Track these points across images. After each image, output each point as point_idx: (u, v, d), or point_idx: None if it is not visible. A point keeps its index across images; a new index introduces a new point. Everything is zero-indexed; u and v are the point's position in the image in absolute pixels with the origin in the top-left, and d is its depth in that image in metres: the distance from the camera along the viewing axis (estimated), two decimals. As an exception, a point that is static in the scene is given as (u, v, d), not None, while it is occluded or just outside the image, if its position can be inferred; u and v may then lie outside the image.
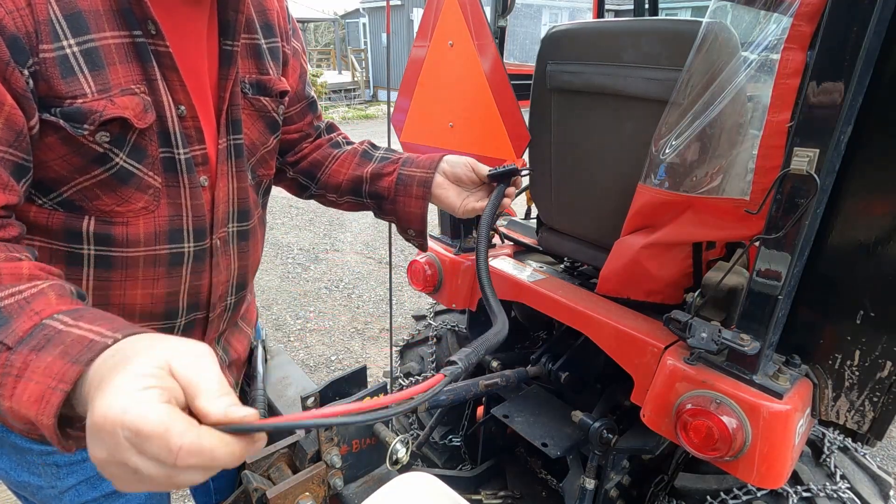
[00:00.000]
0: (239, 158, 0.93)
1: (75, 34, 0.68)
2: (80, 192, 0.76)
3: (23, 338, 0.54)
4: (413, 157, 1.17)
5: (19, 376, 0.52)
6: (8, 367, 0.53)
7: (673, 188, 1.20)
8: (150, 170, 0.79)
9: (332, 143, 1.23)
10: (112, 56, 0.72)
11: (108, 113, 0.71)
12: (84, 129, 0.70)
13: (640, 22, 1.39)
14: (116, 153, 0.75)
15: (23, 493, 0.98)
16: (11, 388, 0.52)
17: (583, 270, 1.74)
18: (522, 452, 2.03)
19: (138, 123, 0.74)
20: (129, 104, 0.73)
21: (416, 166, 1.14)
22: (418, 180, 1.12)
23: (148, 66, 0.75)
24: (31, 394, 0.51)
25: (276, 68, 1.00)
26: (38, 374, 0.52)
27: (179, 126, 0.81)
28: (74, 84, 0.69)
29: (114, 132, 0.73)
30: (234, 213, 0.95)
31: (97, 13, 0.70)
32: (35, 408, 0.51)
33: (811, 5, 0.91)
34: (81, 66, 0.69)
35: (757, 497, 1.23)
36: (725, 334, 1.03)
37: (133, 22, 0.73)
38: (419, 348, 2.15)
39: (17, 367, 0.52)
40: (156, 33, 0.74)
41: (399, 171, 1.14)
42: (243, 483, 0.93)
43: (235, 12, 0.86)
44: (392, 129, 1.83)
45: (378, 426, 1.02)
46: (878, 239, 0.98)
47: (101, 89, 0.71)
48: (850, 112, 0.87)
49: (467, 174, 1.13)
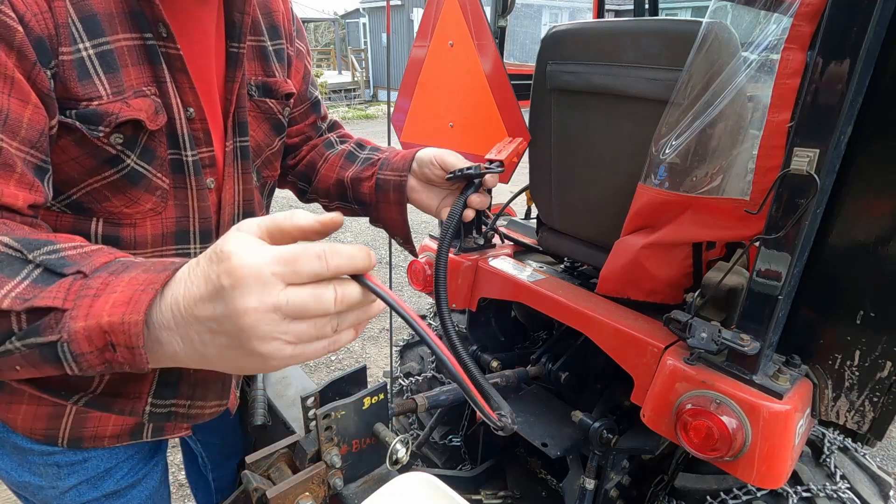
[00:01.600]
0: (245, 160, 0.93)
1: (91, 37, 0.69)
2: (89, 194, 0.76)
3: (98, 268, 0.54)
4: (389, 158, 1.07)
5: (97, 295, 0.51)
6: (85, 289, 0.52)
7: (673, 188, 1.20)
8: (159, 171, 0.80)
9: (325, 142, 1.19)
10: (125, 58, 0.73)
11: (124, 115, 0.71)
12: (100, 132, 0.70)
13: (640, 22, 1.39)
14: (128, 154, 0.75)
15: (24, 493, 0.98)
16: (88, 307, 0.51)
17: (583, 270, 1.74)
18: (522, 452, 2.03)
19: (151, 125, 0.75)
20: (142, 106, 0.73)
21: (390, 169, 1.05)
22: (393, 184, 1.04)
23: (158, 69, 0.76)
24: (115, 301, 0.50)
25: (281, 70, 1.00)
26: (122, 285, 0.52)
27: (188, 128, 0.81)
28: (90, 86, 0.69)
29: (127, 134, 0.74)
30: (240, 214, 0.96)
31: (111, 15, 0.71)
32: (121, 310, 0.50)
33: (811, 5, 0.91)
34: (97, 68, 0.70)
35: (757, 497, 1.23)
36: (725, 334, 1.03)
37: (144, 24, 0.73)
38: (419, 348, 2.15)
39: (94, 288, 0.52)
40: (167, 36, 0.75)
41: (377, 174, 1.06)
42: (243, 483, 0.93)
43: (241, 14, 0.86)
44: (392, 128, 1.83)
45: (378, 426, 1.02)
46: (878, 239, 0.98)
47: (115, 91, 0.71)
48: (850, 112, 0.87)
49: (435, 173, 1.01)
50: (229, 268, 0.46)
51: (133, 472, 1.03)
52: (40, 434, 0.90)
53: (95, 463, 0.97)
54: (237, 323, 0.47)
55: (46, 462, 0.93)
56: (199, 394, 0.87)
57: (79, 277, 0.53)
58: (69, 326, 0.51)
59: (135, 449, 1.02)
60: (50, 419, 0.89)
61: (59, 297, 0.51)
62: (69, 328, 0.51)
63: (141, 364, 0.52)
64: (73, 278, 0.53)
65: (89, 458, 0.96)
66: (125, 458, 1.01)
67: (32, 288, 0.52)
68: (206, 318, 0.49)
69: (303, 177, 1.18)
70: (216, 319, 0.48)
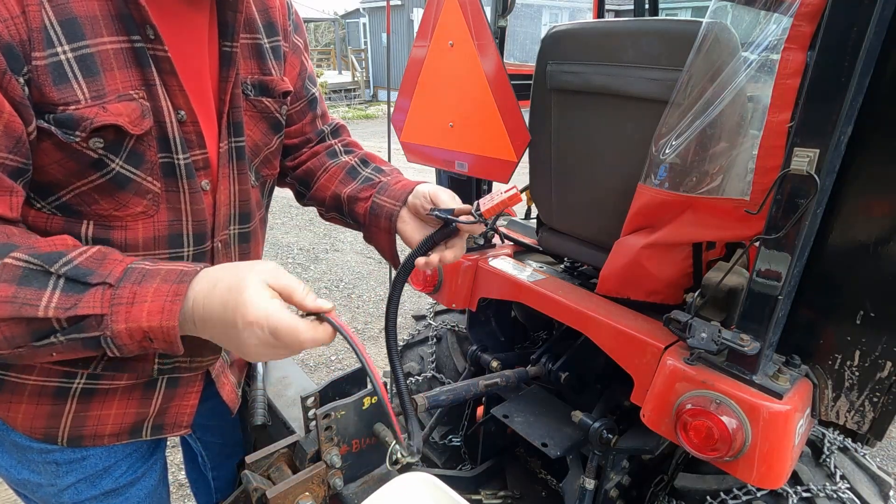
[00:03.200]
0: (241, 161, 0.92)
1: (70, 40, 0.68)
2: (78, 197, 0.76)
3: (120, 277, 0.67)
4: (389, 184, 1.03)
5: (131, 303, 0.66)
6: (117, 298, 0.66)
7: (673, 188, 1.20)
8: (149, 175, 0.79)
9: (328, 151, 1.15)
10: (110, 62, 0.71)
11: (100, 120, 0.70)
12: (76, 136, 0.70)
13: (640, 22, 1.39)
14: (112, 159, 0.74)
15: (23, 490, 0.98)
16: (125, 313, 0.66)
17: (583, 270, 1.74)
18: (522, 452, 2.03)
19: (133, 130, 0.74)
20: (123, 111, 0.72)
21: (388, 195, 1.01)
22: (386, 212, 0.99)
23: (147, 71, 0.75)
24: (149, 310, 0.66)
25: (278, 68, 0.98)
26: (150, 296, 0.66)
27: (179, 131, 0.80)
28: (67, 91, 0.68)
29: (108, 138, 0.73)
30: (236, 215, 0.95)
31: (94, 18, 0.70)
32: (157, 318, 0.66)
33: (811, 5, 0.91)
34: (76, 72, 0.69)
35: (757, 497, 1.23)
36: (725, 334, 1.03)
37: (132, 27, 0.72)
38: (419, 348, 2.15)
39: (125, 298, 0.66)
40: (154, 38, 0.74)
41: (373, 198, 1.02)
42: (243, 483, 0.93)
43: (234, 12, 0.84)
44: (392, 128, 1.83)
45: (378, 426, 1.02)
46: (878, 239, 0.98)
47: (95, 96, 0.70)
48: (850, 112, 0.87)
49: (425, 206, 0.95)
50: (244, 315, 0.65)
51: (132, 471, 1.03)
52: (40, 432, 0.90)
53: (94, 461, 0.97)
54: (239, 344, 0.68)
55: (45, 460, 0.93)
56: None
57: (107, 288, 0.66)
58: (112, 327, 0.66)
59: (133, 447, 1.02)
60: (49, 418, 0.89)
61: (96, 306, 0.65)
62: (112, 328, 0.66)
63: (177, 351, 0.69)
64: (101, 289, 0.66)
65: (88, 456, 0.96)
66: (124, 457, 1.01)
67: (66, 297, 0.65)
68: (218, 332, 0.69)
69: (302, 182, 1.15)
70: (225, 335, 0.68)
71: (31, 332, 0.65)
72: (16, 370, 0.86)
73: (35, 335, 0.66)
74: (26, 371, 0.86)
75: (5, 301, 0.63)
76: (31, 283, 0.64)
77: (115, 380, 0.91)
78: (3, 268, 0.64)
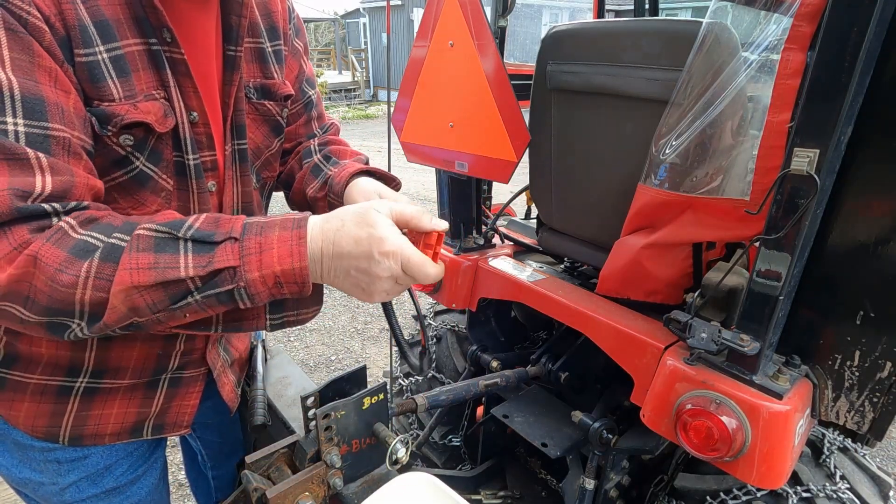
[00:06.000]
0: (244, 163, 0.94)
1: (104, 41, 0.71)
2: None
3: (242, 231, 0.70)
4: (334, 179, 1.01)
5: (260, 252, 0.69)
6: (246, 249, 0.69)
7: (673, 188, 1.20)
8: (165, 172, 0.81)
9: (305, 150, 1.12)
10: (136, 63, 0.74)
11: (130, 117, 0.73)
12: (108, 130, 0.72)
13: (640, 22, 1.39)
14: (137, 156, 0.77)
15: (24, 489, 0.98)
16: (257, 262, 0.69)
17: (583, 270, 1.74)
18: (522, 452, 2.03)
19: (159, 128, 0.76)
20: (151, 109, 0.75)
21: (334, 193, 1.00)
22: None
23: (163, 73, 0.77)
24: (279, 255, 0.69)
25: (280, 72, 1.00)
26: (276, 243, 0.70)
27: (191, 132, 0.82)
28: (104, 88, 0.71)
29: (137, 136, 0.75)
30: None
31: (119, 21, 0.72)
32: (289, 261, 0.69)
33: (811, 6, 0.91)
34: (111, 72, 0.72)
35: (757, 497, 1.23)
36: (725, 335, 1.04)
37: (149, 30, 0.74)
38: (419, 348, 2.15)
39: (253, 248, 0.69)
40: (171, 41, 0.76)
41: (327, 197, 1.02)
42: (243, 483, 0.93)
43: (238, 17, 0.86)
44: (392, 128, 1.83)
45: (378, 426, 1.02)
46: (878, 239, 0.98)
47: (127, 95, 0.73)
48: (850, 112, 0.87)
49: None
50: (380, 246, 0.70)
51: (132, 469, 1.03)
52: (41, 431, 0.90)
53: (95, 459, 0.97)
54: (370, 278, 0.72)
55: (47, 458, 0.94)
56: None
57: (234, 242, 0.69)
58: (246, 276, 0.69)
59: (134, 446, 1.02)
60: (51, 417, 0.89)
61: (229, 259, 0.68)
62: (246, 278, 0.69)
63: (307, 291, 0.73)
64: (230, 243, 0.69)
65: (89, 454, 0.96)
66: (125, 455, 1.01)
67: (199, 257, 0.68)
68: (351, 266, 0.71)
69: (285, 184, 1.15)
70: (358, 269, 0.71)
71: (170, 295, 0.68)
72: (18, 369, 0.87)
73: (173, 298, 0.68)
74: (29, 369, 0.87)
75: (149, 268, 0.66)
76: (166, 249, 0.67)
77: (117, 379, 0.91)
78: (136, 239, 0.67)
